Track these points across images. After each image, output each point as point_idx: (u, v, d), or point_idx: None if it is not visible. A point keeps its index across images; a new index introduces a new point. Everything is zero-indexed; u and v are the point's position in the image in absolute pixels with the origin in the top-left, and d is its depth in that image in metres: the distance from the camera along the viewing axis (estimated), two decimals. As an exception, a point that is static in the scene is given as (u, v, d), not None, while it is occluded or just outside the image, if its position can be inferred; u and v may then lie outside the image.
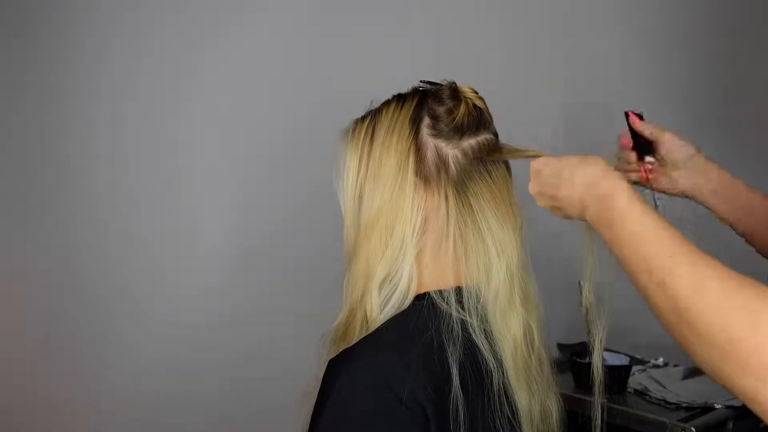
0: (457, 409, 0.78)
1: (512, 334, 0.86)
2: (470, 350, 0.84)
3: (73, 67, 1.52)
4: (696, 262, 0.54)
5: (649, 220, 0.62)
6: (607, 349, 1.86)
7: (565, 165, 0.76)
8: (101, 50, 1.54)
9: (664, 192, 1.05)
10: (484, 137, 0.88)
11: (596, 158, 0.75)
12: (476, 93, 0.91)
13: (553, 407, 0.92)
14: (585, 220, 0.74)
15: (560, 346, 1.94)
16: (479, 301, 0.85)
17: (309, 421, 0.80)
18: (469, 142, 0.87)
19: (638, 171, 1.04)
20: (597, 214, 0.68)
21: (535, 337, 0.88)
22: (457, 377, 0.80)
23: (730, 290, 0.49)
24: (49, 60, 1.50)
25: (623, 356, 1.80)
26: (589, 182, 0.71)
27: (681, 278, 0.53)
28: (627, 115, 1.07)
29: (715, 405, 1.65)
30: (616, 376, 1.73)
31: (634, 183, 1.02)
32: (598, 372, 0.87)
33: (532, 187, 0.82)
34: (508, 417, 0.85)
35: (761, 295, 0.47)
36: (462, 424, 0.78)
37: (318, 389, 0.80)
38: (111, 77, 1.54)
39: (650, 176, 1.03)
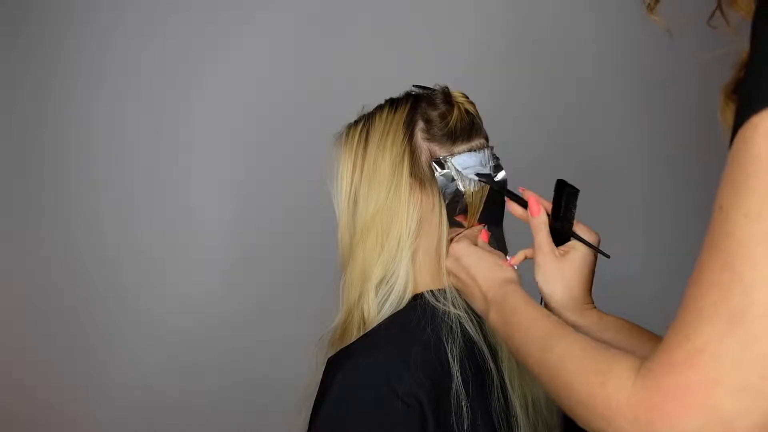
0: (459, 405, 0.79)
1: None
2: (468, 346, 0.84)
3: (73, 67, 1.53)
4: (562, 338, 0.66)
5: (531, 312, 0.74)
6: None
7: (477, 264, 0.83)
8: (101, 50, 1.55)
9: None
10: (477, 142, 0.89)
11: (505, 267, 0.82)
12: (467, 98, 0.92)
13: (550, 399, 0.92)
14: (486, 317, 0.81)
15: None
16: None
17: (308, 421, 0.80)
18: (462, 147, 0.87)
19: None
20: (495, 315, 0.78)
21: None
22: (458, 373, 0.80)
23: (588, 357, 0.61)
24: (50, 60, 1.51)
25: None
26: (491, 288, 0.80)
27: (551, 353, 0.66)
28: (562, 184, 0.84)
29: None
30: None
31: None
32: None
33: (449, 265, 0.86)
34: (506, 408, 0.85)
35: (610, 359, 0.58)
36: (465, 419, 0.79)
37: (317, 389, 0.80)
38: (111, 77, 1.55)
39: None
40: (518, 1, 1.78)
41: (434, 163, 0.87)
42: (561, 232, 0.85)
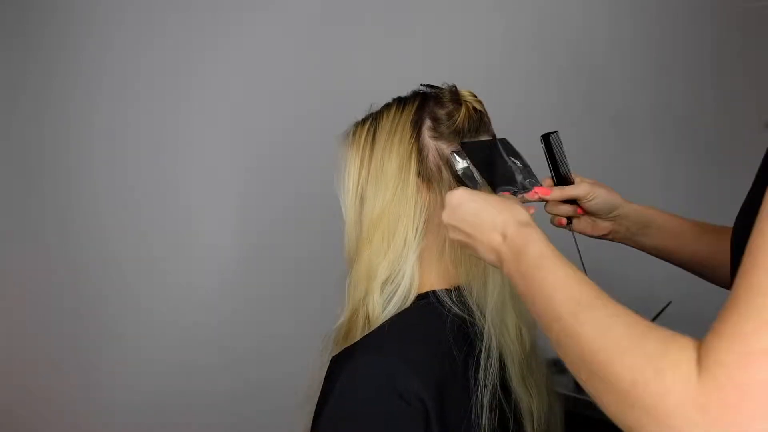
0: (463, 405, 0.79)
1: (509, 332, 0.88)
2: (471, 348, 0.84)
3: (73, 67, 1.52)
4: (603, 309, 0.55)
5: (560, 269, 0.62)
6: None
7: (486, 208, 0.73)
8: (101, 50, 1.54)
9: (583, 234, 0.97)
10: (483, 139, 0.89)
11: (513, 204, 0.74)
12: (475, 96, 0.92)
13: (554, 406, 0.93)
14: (500, 269, 0.71)
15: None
16: (478, 300, 0.86)
17: (311, 420, 0.80)
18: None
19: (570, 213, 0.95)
20: (511, 266, 0.68)
21: (527, 336, 0.89)
22: (463, 373, 0.80)
23: (635, 336, 0.50)
24: (49, 60, 1.50)
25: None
26: (507, 233, 0.70)
27: (587, 325, 0.54)
28: (546, 138, 0.92)
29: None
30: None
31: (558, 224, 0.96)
32: None
33: (447, 218, 0.77)
34: (509, 414, 0.85)
35: (666, 340, 0.48)
36: (469, 419, 0.79)
37: (320, 389, 0.80)
38: (111, 77, 1.54)
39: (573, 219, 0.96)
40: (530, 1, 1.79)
41: (455, 154, 0.86)
42: (567, 178, 0.93)
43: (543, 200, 0.92)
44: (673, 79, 1.84)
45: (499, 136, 0.94)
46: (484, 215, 0.73)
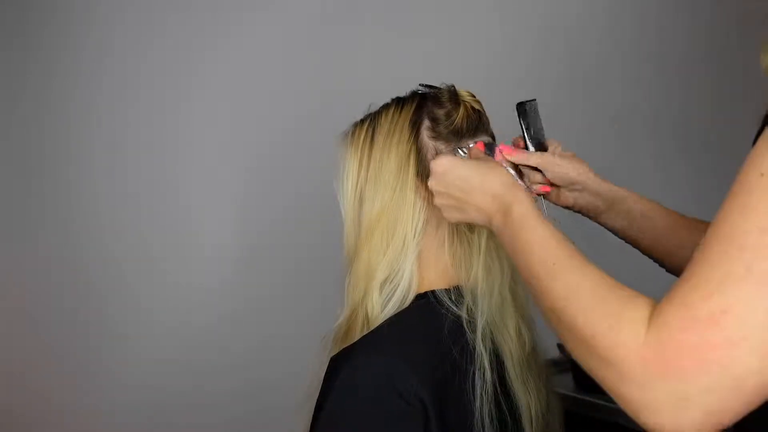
0: (462, 405, 0.79)
1: (509, 332, 0.88)
2: (470, 347, 0.84)
3: (73, 67, 1.52)
4: (574, 270, 0.62)
5: (540, 230, 0.69)
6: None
7: (475, 173, 0.79)
8: (101, 50, 1.54)
9: (550, 201, 0.97)
10: (481, 139, 0.90)
11: (501, 168, 0.80)
12: (474, 96, 0.92)
13: (553, 405, 0.93)
14: (490, 229, 0.77)
15: (560, 347, 1.95)
16: (477, 300, 0.86)
17: (311, 420, 0.80)
18: (468, 144, 0.88)
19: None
20: (500, 224, 0.74)
21: (526, 336, 0.90)
22: (458, 374, 0.81)
23: (599, 296, 0.57)
24: (49, 60, 1.50)
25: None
26: (496, 193, 0.76)
27: (559, 283, 0.62)
28: (520, 106, 0.94)
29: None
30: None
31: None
32: None
33: (434, 185, 0.81)
34: (508, 413, 0.85)
35: (624, 300, 0.55)
36: (464, 420, 0.79)
37: (319, 388, 0.81)
38: (111, 77, 1.54)
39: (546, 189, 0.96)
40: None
41: (459, 150, 0.87)
42: (542, 146, 0.93)
43: (507, 161, 0.91)
44: (673, 80, 1.84)
45: (498, 136, 0.94)
46: (472, 180, 0.78)
